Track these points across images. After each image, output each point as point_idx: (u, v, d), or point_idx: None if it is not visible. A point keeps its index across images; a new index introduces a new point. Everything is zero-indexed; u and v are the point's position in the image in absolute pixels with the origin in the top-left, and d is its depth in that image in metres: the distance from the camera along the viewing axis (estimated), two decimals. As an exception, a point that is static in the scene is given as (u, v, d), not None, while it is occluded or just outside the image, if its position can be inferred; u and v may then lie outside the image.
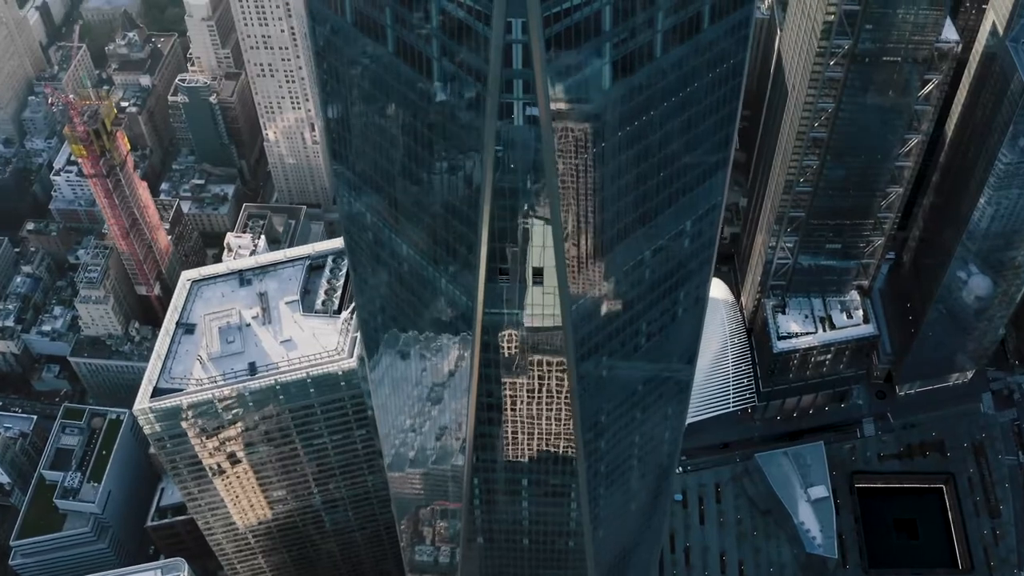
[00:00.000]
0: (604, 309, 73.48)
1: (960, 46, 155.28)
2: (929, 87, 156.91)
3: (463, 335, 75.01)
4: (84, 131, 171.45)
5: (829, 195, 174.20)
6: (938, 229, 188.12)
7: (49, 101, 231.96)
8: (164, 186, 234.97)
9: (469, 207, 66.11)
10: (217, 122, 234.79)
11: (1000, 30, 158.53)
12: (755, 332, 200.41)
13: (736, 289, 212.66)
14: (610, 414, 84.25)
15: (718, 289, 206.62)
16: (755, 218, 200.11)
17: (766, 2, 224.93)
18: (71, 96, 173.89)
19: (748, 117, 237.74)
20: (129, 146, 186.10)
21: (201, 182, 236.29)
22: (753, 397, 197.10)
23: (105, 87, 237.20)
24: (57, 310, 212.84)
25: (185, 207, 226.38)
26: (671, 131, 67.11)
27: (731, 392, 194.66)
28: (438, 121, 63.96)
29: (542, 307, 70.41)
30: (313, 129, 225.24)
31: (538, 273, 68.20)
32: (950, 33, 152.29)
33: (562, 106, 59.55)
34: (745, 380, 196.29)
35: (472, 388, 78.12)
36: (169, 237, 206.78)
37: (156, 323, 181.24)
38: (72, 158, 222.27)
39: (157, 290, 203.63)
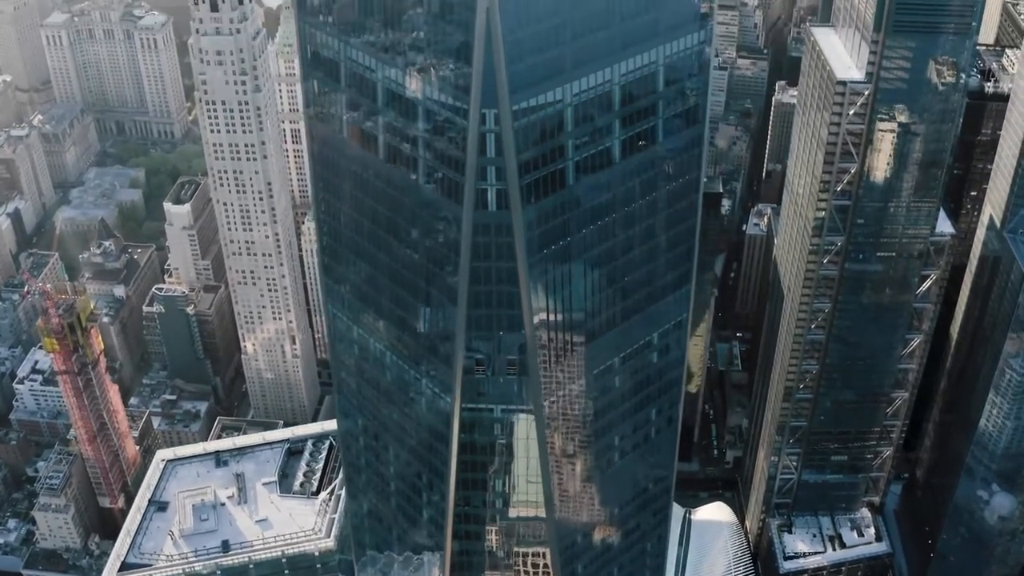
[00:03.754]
0: (576, 409, 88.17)
1: (956, 239, 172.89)
2: (927, 283, 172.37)
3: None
4: (59, 323, 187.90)
5: (831, 402, 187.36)
6: (951, 444, 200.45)
7: (25, 289, 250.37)
8: (133, 401, 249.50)
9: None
10: (193, 335, 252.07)
11: (998, 222, 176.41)
12: (760, 555, 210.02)
13: (740, 513, 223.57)
14: (586, 536, 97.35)
15: (721, 512, 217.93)
16: (757, 435, 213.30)
17: (764, 219, 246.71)
18: (48, 286, 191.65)
19: (749, 340, 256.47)
20: (103, 344, 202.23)
21: (173, 398, 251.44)
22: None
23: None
24: (11, 523, 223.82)
25: (155, 423, 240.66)
26: (634, 237, 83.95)
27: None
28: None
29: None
30: (294, 342, 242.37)
31: (513, 365, 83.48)
32: (945, 226, 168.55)
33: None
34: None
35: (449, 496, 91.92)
36: (137, 448, 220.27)
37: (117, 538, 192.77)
38: (37, 367, 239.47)
39: (121, 502, 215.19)
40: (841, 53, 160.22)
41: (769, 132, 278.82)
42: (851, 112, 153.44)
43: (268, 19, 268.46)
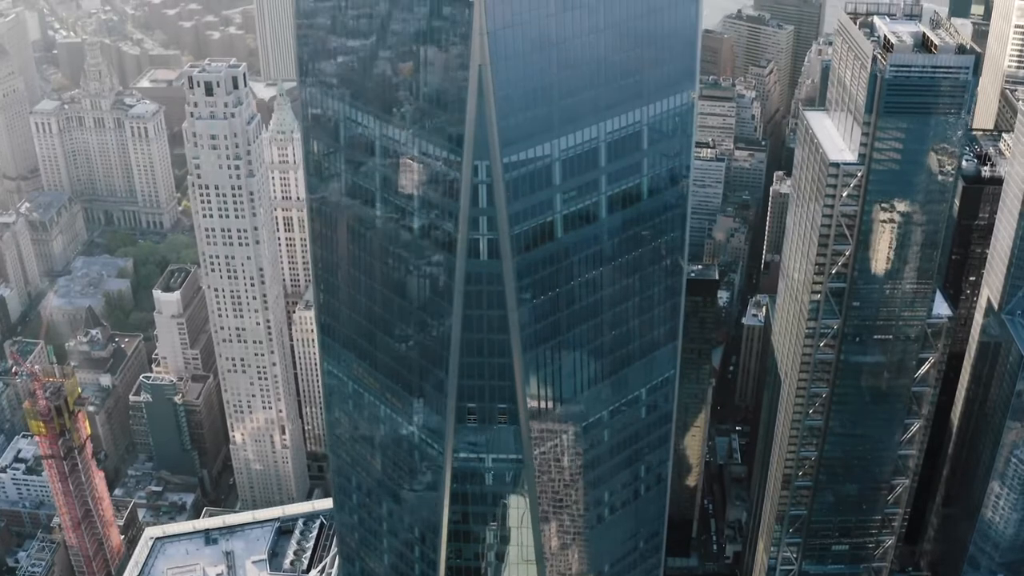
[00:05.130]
0: (566, 460, 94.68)
1: (954, 323, 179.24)
2: (926, 367, 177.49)
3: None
4: (46, 406, 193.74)
5: (831, 489, 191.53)
6: (954, 534, 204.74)
7: (14, 370, 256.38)
8: (118, 491, 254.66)
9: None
10: (180, 425, 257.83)
11: (995, 305, 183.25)
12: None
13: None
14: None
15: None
16: (756, 527, 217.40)
17: (762, 309, 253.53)
18: (37, 367, 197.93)
19: (749, 433, 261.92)
20: (90, 430, 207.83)
21: (158, 489, 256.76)
22: None
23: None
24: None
25: (139, 514, 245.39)
26: (620, 291, 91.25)
27: None
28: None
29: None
30: (283, 432, 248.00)
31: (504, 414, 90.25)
32: (942, 308, 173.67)
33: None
34: None
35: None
36: (122, 538, 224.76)
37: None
38: (20, 455, 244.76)
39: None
40: (834, 136, 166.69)
41: (767, 223, 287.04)
42: (844, 194, 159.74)
43: (261, 110, 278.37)
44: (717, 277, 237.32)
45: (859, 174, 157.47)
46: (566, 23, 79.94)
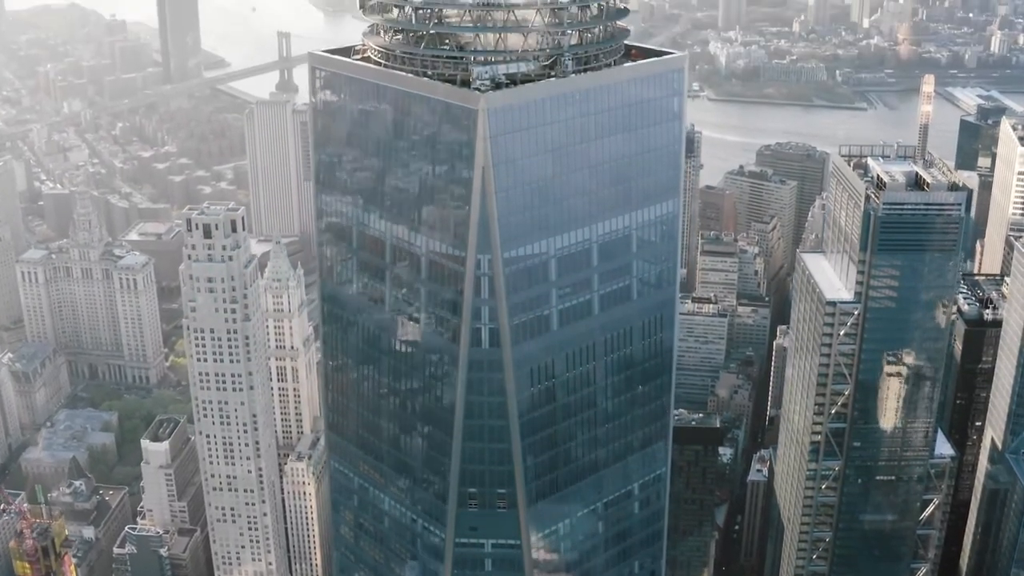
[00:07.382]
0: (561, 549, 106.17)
1: (957, 463, 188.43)
2: (930, 509, 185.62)
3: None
4: (33, 546, 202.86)
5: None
6: None
7: (1, 507, 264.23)
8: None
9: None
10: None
11: (999, 445, 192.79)
12: None
13: None
14: None
15: None
16: None
17: (766, 464, 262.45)
18: (25, 506, 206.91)
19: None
20: (75, 572, 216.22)
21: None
22: None
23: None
24: None
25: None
26: (612, 386, 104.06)
27: None
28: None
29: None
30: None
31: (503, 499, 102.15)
32: (944, 448, 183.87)
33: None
34: None
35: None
36: None
37: None
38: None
39: None
40: (831, 276, 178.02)
41: (771, 379, 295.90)
42: (842, 333, 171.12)
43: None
44: (718, 425, 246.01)
45: (856, 312, 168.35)
46: (562, 131, 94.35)
